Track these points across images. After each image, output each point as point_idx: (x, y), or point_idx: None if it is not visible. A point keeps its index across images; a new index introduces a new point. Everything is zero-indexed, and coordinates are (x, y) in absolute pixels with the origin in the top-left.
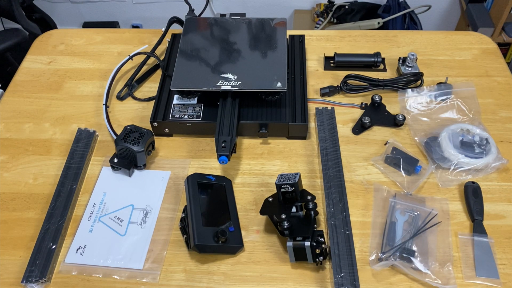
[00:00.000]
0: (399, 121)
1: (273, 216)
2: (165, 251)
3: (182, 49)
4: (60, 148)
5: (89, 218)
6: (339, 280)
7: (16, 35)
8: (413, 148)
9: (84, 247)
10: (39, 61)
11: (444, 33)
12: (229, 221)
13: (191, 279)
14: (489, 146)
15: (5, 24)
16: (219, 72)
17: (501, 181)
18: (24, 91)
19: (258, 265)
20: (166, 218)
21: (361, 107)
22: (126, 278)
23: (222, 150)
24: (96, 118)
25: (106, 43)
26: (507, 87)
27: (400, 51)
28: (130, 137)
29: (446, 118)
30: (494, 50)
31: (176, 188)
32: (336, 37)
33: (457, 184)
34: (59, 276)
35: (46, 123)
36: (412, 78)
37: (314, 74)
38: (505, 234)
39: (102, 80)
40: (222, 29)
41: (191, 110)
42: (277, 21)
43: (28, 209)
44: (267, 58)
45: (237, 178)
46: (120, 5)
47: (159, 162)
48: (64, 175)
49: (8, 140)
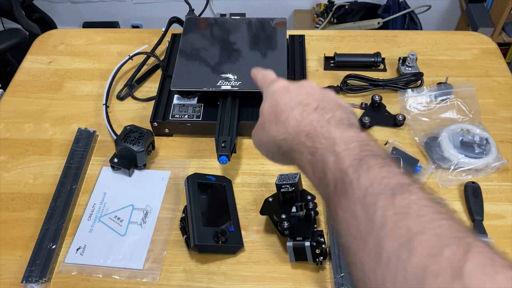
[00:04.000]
0: (399, 121)
1: (273, 216)
2: (165, 251)
3: (182, 49)
4: (60, 148)
5: (89, 218)
6: (339, 280)
7: (16, 35)
8: (413, 148)
9: (84, 247)
10: (39, 61)
11: (444, 33)
12: (229, 221)
13: (191, 279)
14: (489, 146)
15: (5, 24)
16: (219, 72)
17: (501, 181)
18: (24, 91)
19: (258, 265)
20: (166, 218)
21: (361, 107)
22: (126, 278)
23: (222, 150)
24: (96, 118)
25: (106, 43)
26: (507, 87)
27: (400, 51)
28: (130, 137)
29: (446, 118)
30: (494, 50)
31: (176, 188)
32: (336, 37)
33: (457, 184)
34: (59, 276)
35: (46, 123)
36: (412, 78)
37: (314, 74)
38: (505, 234)
39: (102, 80)
40: (222, 29)
41: (191, 110)
42: (277, 21)
43: (28, 209)
44: (267, 58)
45: (237, 178)
46: (120, 5)
47: (159, 162)
48: (64, 175)
49: (8, 140)
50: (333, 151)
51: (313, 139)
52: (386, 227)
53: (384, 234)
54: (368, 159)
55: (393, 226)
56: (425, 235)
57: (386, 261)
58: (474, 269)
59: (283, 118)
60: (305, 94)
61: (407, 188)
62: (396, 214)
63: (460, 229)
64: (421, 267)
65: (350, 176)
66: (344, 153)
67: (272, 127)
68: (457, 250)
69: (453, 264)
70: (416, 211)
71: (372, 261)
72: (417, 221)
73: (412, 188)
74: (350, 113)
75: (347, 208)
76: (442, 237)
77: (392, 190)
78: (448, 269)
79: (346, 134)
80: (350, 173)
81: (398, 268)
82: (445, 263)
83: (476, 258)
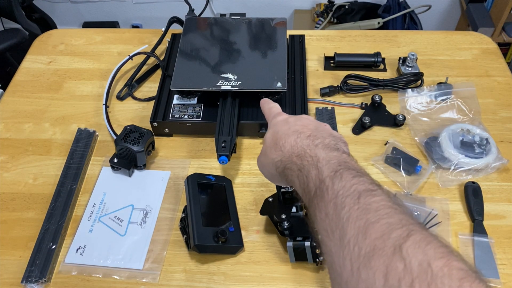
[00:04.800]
0: (399, 121)
1: (273, 216)
2: (165, 251)
3: (182, 49)
4: (60, 148)
5: (89, 218)
6: None
7: (16, 35)
8: (413, 148)
9: (84, 247)
10: (39, 61)
11: (444, 33)
12: (229, 221)
13: (191, 279)
14: (489, 146)
15: (5, 24)
16: (219, 72)
17: (501, 181)
18: (24, 91)
19: (258, 265)
20: (166, 218)
21: (361, 107)
22: (126, 278)
23: (222, 150)
24: (96, 118)
25: (106, 43)
26: (507, 87)
27: (400, 51)
28: (130, 137)
29: (446, 118)
30: (494, 50)
31: (176, 188)
32: (336, 37)
33: (457, 184)
34: (59, 276)
35: (46, 123)
36: (412, 78)
37: (314, 74)
38: (505, 234)
39: (102, 80)
40: (222, 29)
41: (191, 110)
42: (277, 21)
43: (28, 209)
44: (267, 58)
45: (237, 178)
46: (120, 5)
47: (159, 162)
48: (64, 175)
49: (8, 140)
50: (316, 166)
51: (302, 158)
52: (349, 220)
53: (347, 225)
54: (343, 171)
55: (355, 219)
56: (378, 224)
57: (346, 243)
58: (411, 245)
59: (280, 143)
60: (302, 125)
61: (372, 192)
62: (359, 209)
63: (409, 220)
64: (371, 246)
65: (326, 184)
66: (324, 167)
67: (272, 152)
68: (401, 233)
69: (395, 243)
70: (375, 208)
71: (337, 246)
72: (374, 214)
73: (376, 192)
74: (340, 141)
75: (322, 208)
76: (392, 225)
77: (358, 193)
78: (391, 247)
79: (329, 154)
80: (327, 181)
81: (355, 248)
82: (390, 242)
83: (416, 238)
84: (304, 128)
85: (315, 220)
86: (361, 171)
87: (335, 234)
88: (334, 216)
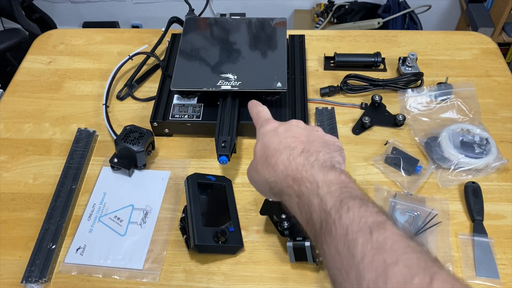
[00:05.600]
0: (399, 121)
1: (273, 216)
2: (165, 251)
3: (182, 49)
4: (60, 148)
5: (89, 218)
6: None
7: (16, 35)
8: (413, 148)
9: (84, 247)
10: (39, 61)
11: (444, 33)
12: (229, 221)
13: (191, 279)
14: (489, 146)
15: (5, 24)
16: (219, 72)
17: (501, 181)
18: (24, 91)
19: (258, 265)
20: (166, 218)
21: (361, 107)
22: (126, 278)
23: (222, 150)
24: (96, 118)
25: (106, 43)
26: (507, 87)
27: (400, 51)
28: (130, 137)
29: (446, 118)
30: (494, 50)
31: (176, 188)
32: (336, 37)
33: (457, 184)
34: (59, 276)
35: (46, 123)
36: (412, 78)
37: (314, 74)
38: (505, 234)
39: (102, 80)
40: (222, 29)
41: (191, 110)
42: (277, 21)
43: (28, 209)
44: (267, 58)
45: (237, 178)
46: (120, 5)
47: (159, 162)
48: (64, 175)
49: (8, 140)
50: (316, 194)
51: (299, 183)
52: (365, 260)
53: (363, 266)
54: (348, 200)
55: (371, 259)
56: (398, 266)
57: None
58: None
59: (272, 162)
60: (293, 136)
61: (382, 225)
62: (373, 249)
63: (427, 260)
64: None
65: (332, 217)
66: (327, 196)
67: (264, 169)
68: (424, 278)
69: None
70: (390, 246)
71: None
72: (391, 254)
73: (386, 225)
74: (334, 151)
75: (331, 244)
76: (412, 268)
77: (369, 228)
78: None
79: (328, 177)
80: (333, 214)
81: None
82: None
83: (439, 284)
84: (296, 142)
85: (323, 254)
86: (364, 198)
87: (350, 275)
88: (346, 255)
